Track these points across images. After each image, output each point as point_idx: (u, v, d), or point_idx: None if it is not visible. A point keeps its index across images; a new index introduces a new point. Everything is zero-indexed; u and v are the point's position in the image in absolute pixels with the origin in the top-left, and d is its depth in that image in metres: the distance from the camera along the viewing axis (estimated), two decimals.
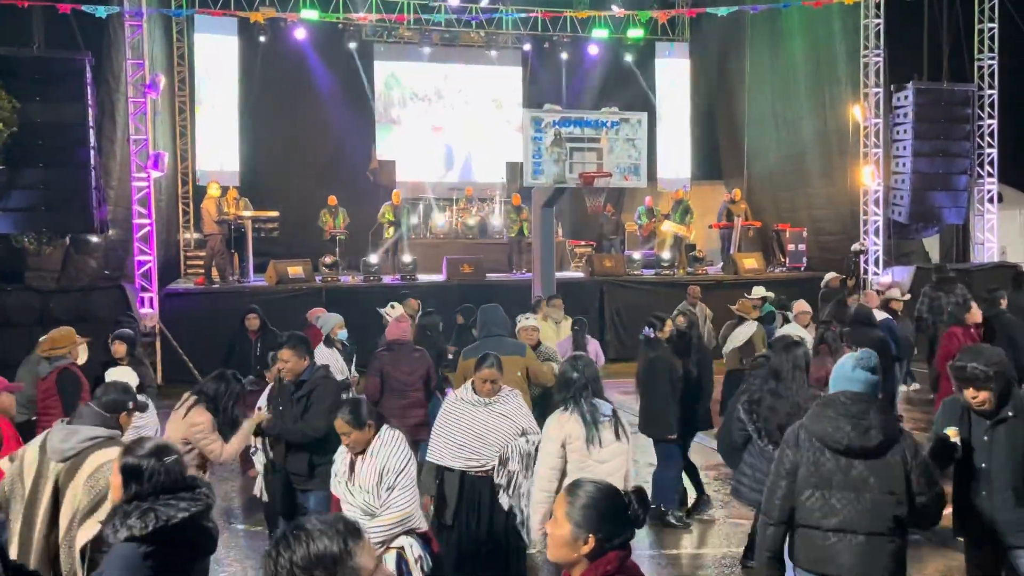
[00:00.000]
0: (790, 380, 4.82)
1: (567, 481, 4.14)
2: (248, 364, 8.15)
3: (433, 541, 4.18)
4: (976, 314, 7.35)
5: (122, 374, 5.45)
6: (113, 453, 3.21)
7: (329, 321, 7.59)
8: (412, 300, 9.55)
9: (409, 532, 4.00)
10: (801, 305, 8.41)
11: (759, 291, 8.88)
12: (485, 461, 4.66)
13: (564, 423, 4.30)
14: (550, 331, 8.20)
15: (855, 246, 15.06)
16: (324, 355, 7.16)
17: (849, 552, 3.38)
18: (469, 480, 4.69)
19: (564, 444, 4.25)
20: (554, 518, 2.44)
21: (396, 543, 3.95)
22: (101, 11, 11.15)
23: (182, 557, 2.88)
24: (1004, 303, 8.41)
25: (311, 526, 1.89)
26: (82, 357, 6.27)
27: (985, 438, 3.91)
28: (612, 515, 2.41)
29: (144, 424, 5.48)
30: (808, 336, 7.71)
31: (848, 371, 3.54)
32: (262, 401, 5.47)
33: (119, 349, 6.86)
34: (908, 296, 10.81)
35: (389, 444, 4.04)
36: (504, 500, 4.64)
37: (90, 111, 11.32)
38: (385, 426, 4.14)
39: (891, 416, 3.51)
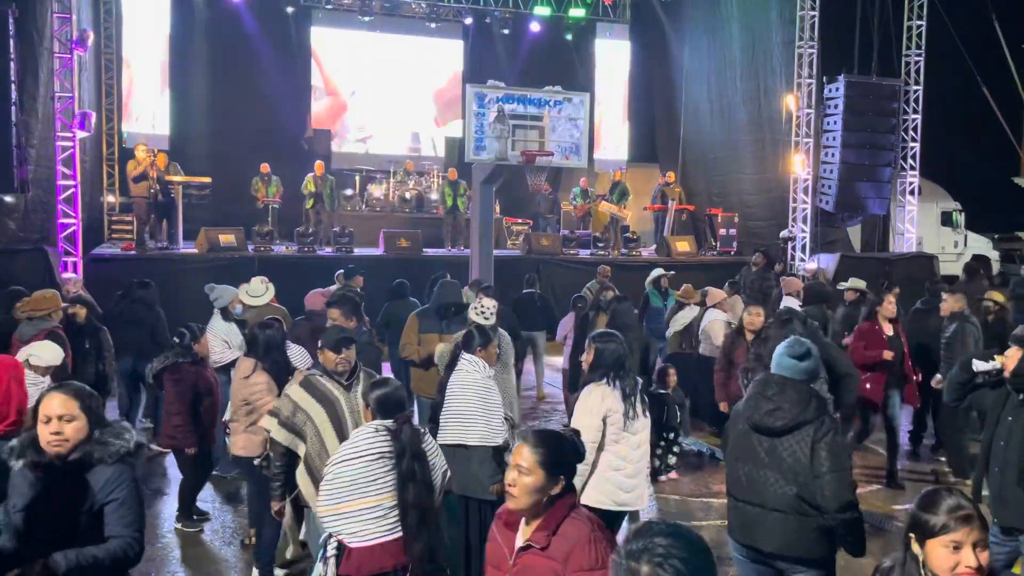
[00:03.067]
0: None
1: (603, 454, 4.32)
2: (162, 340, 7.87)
3: None
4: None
5: (45, 348, 5.29)
6: None
7: (227, 294, 7.34)
8: (358, 277, 9.46)
9: None
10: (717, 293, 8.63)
11: (857, 283, 8.92)
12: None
13: (606, 397, 4.34)
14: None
15: (784, 233, 15.49)
16: (222, 329, 7.06)
17: (763, 525, 3.58)
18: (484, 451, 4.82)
19: (605, 418, 4.32)
20: (518, 468, 2.57)
21: None
22: None
23: None
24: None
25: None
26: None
27: (1010, 417, 4.14)
28: (572, 456, 2.69)
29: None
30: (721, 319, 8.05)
31: (779, 356, 3.77)
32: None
33: (80, 313, 6.97)
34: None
35: None
36: None
37: (12, 65, 10.74)
38: None
39: (811, 400, 3.59)
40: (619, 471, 4.35)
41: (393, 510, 3.46)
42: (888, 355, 6.72)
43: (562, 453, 2.63)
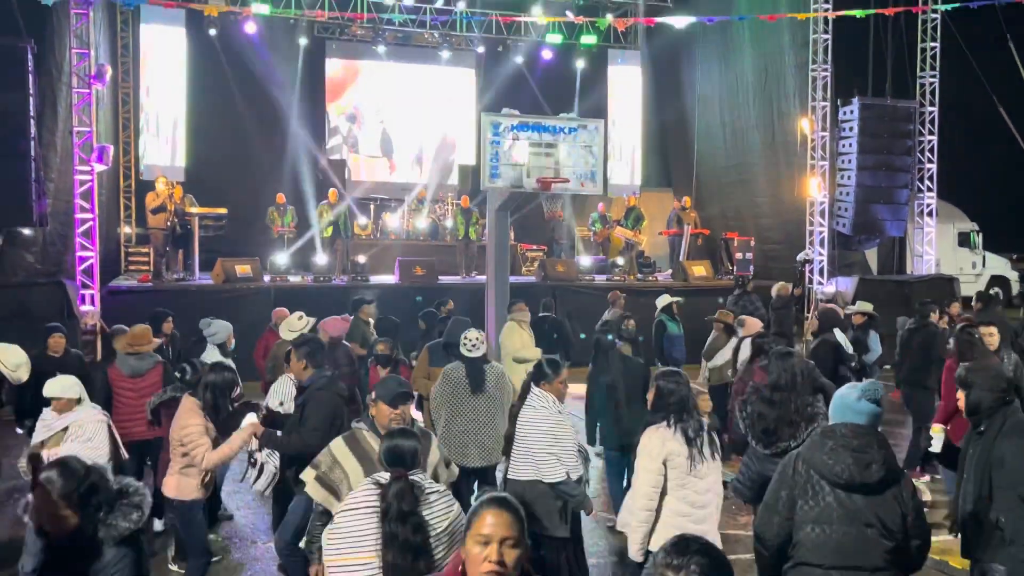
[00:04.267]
0: (781, 387, 4.91)
1: (667, 499, 4.14)
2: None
3: None
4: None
5: (65, 382, 5.28)
6: None
7: (223, 330, 7.39)
8: (366, 307, 9.40)
9: None
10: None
11: (864, 306, 8.85)
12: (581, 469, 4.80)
13: (667, 440, 4.17)
14: (527, 337, 8.05)
15: (800, 256, 15.38)
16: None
17: None
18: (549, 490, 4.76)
19: (666, 462, 4.15)
20: (505, 540, 2.32)
21: None
22: None
23: None
24: (935, 317, 8.63)
25: None
26: None
27: (970, 450, 4.03)
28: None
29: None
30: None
31: (852, 401, 3.36)
32: (271, 400, 5.44)
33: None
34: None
35: None
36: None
37: (31, 100, 10.88)
38: None
39: (892, 452, 3.36)
40: (686, 517, 4.15)
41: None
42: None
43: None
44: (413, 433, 3.57)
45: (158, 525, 6.39)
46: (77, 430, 5.05)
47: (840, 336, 7.49)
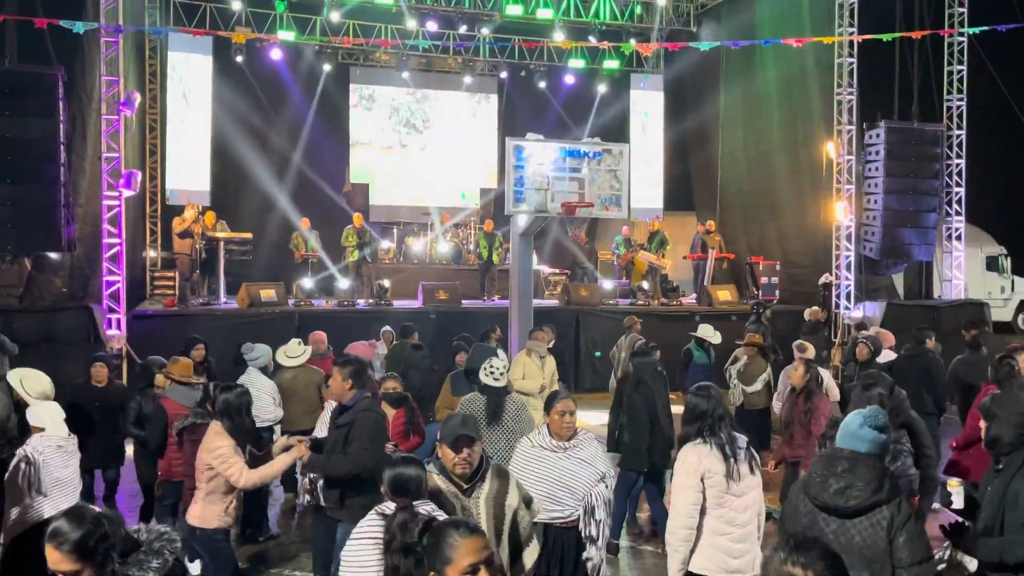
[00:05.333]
0: None
1: (707, 518, 4.06)
2: None
3: None
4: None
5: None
6: None
7: (265, 354, 7.54)
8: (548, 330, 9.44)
9: None
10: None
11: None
12: (571, 512, 4.37)
13: (703, 457, 4.09)
14: (533, 367, 7.61)
15: (822, 279, 15.20)
16: (267, 387, 7.30)
17: None
18: (553, 533, 4.37)
19: (703, 478, 4.08)
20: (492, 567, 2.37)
21: None
22: (79, 27, 10.90)
23: None
24: (931, 343, 8.45)
25: None
26: None
27: (988, 487, 3.90)
28: None
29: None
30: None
31: (855, 428, 3.40)
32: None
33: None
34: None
35: None
36: (593, 553, 4.36)
37: (61, 127, 11.02)
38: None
39: (886, 479, 3.30)
40: (725, 536, 4.08)
41: None
42: None
43: None
44: (418, 462, 3.50)
45: (195, 569, 6.24)
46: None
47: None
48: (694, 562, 4.08)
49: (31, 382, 5.86)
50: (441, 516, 3.19)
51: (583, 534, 4.36)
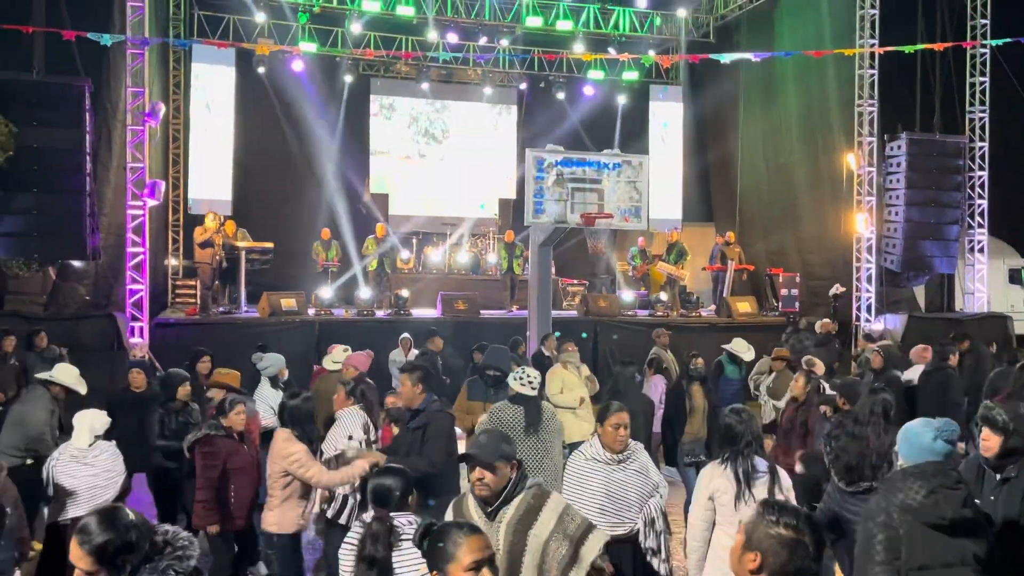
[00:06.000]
0: (868, 424, 4.80)
1: (716, 532, 4.20)
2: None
3: None
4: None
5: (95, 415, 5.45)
6: None
7: (276, 363, 7.57)
8: (438, 339, 9.59)
9: None
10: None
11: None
12: (630, 525, 4.36)
13: (714, 477, 4.27)
14: (572, 379, 7.76)
15: (832, 290, 15.08)
16: (270, 396, 7.31)
17: None
18: (616, 549, 4.28)
19: (712, 497, 4.25)
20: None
21: None
22: (106, 39, 11.06)
23: None
24: (954, 359, 8.35)
25: None
26: None
27: (992, 497, 3.90)
28: None
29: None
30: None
31: (929, 442, 3.39)
32: (354, 431, 5.48)
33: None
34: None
35: None
36: (658, 564, 4.37)
37: (87, 137, 11.18)
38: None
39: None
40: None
41: None
42: None
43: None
44: (401, 473, 3.52)
45: (261, 569, 6.12)
46: None
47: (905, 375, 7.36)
48: (707, 572, 4.22)
49: (65, 373, 6.37)
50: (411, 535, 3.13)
51: (644, 546, 4.36)
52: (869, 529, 3.39)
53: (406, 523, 3.32)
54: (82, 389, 6.51)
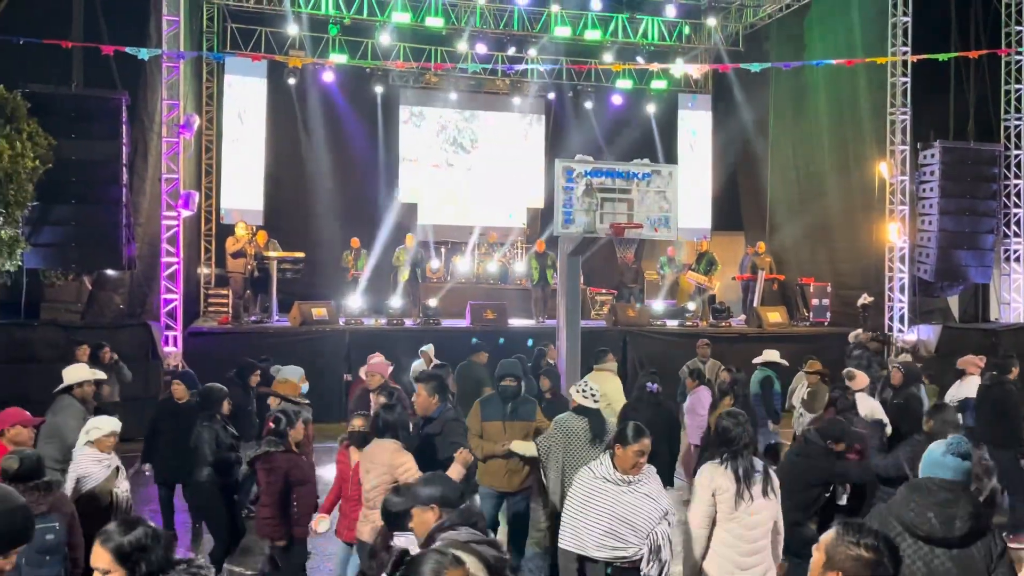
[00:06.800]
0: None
1: (716, 530, 4.32)
2: (249, 421, 7.83)
3: None
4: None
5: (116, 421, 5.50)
6: None
7: (294, 374, 7.55)
8: (483, 354, 9.75)
9: None
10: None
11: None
12: (634, 550, 4.26)
13: (715, 476, 4.37)
14: (617, 391, 7.92)
15: (861, 300, 14.92)
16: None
17: None
18: (616, 572, 4.29)
19: (714, 494, 4.35)
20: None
21: None
22: (144, 53, 11.26)
23: None
24: (1014, 373, 8.11)
25: None
26: None
27: None
28: None
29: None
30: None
31: (939, 456, 3.39)
32: None
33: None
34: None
35: None
36: None
37: (123, 149, 11.38)
38: None
39: (980, 507, 3.30)
40: (732, 548, 4.33)
41: None
42: None
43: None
44: (399, 488, 3.68)
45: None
46: (123, 469, 5.33)
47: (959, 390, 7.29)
48: (707, 565, 4.34)
49: (75, 372, 6.48)
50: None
51: (644, 573, 4.26)
52: None
53: (405, 544, 3.32)
54: (99, 375, 6.74)
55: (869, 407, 7.12)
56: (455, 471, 4.84)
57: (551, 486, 5.59)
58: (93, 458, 5.22)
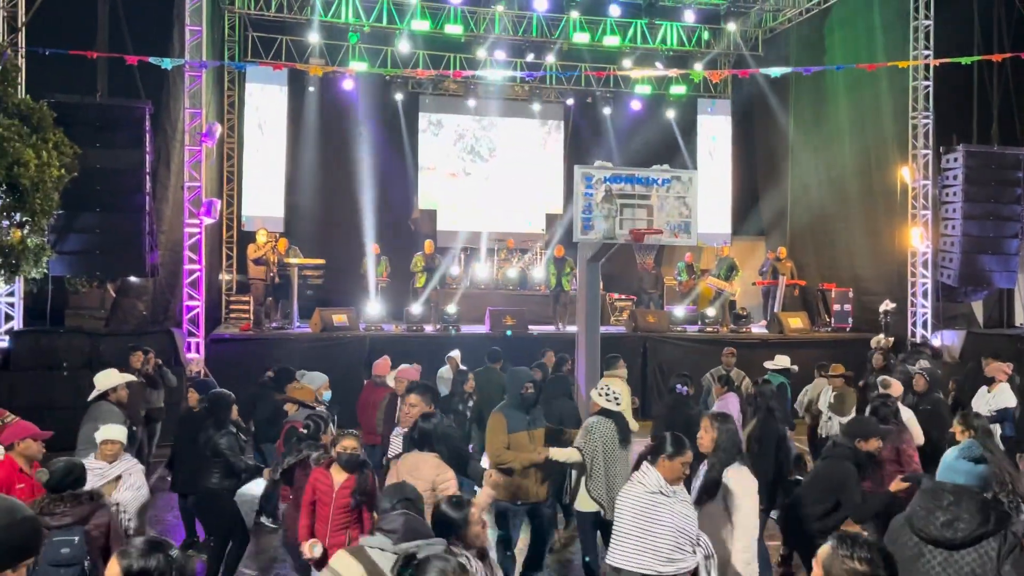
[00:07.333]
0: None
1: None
2: (275, 422, 7.81)
3: None
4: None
5: (120, 429, 5.49)
6: None
7: (316, 380, 7.65)
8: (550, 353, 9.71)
9: None
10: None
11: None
12: (693, 560, 4.21)
13: (752, 480, 4.62)
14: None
15: (882, 306, 14.79)
16: (302, 416, 7.36)
17: None
18: None
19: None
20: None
21: None
22: (167, 63, 11.39)
23: None
24: None
25: None
26: None
27: None
28: None
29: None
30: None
31: (951, 461, 3.49)
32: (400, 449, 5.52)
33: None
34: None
35: None
36: None
37: (147, 158, 11.49)
38: None
39: (991, 510, 3.32)
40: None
41: None
42: None
43: None
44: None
45: None
46: (129, 478, 5.18)
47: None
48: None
49: (107, 379, 6.57)
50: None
51: None
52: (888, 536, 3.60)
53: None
54: (128, 377, 6.83)
55: (906, 416, 7.08)
56: (485, 496, 4.90)
57: (594, 491, 5.64)
58: (89, 467, 5.22)
